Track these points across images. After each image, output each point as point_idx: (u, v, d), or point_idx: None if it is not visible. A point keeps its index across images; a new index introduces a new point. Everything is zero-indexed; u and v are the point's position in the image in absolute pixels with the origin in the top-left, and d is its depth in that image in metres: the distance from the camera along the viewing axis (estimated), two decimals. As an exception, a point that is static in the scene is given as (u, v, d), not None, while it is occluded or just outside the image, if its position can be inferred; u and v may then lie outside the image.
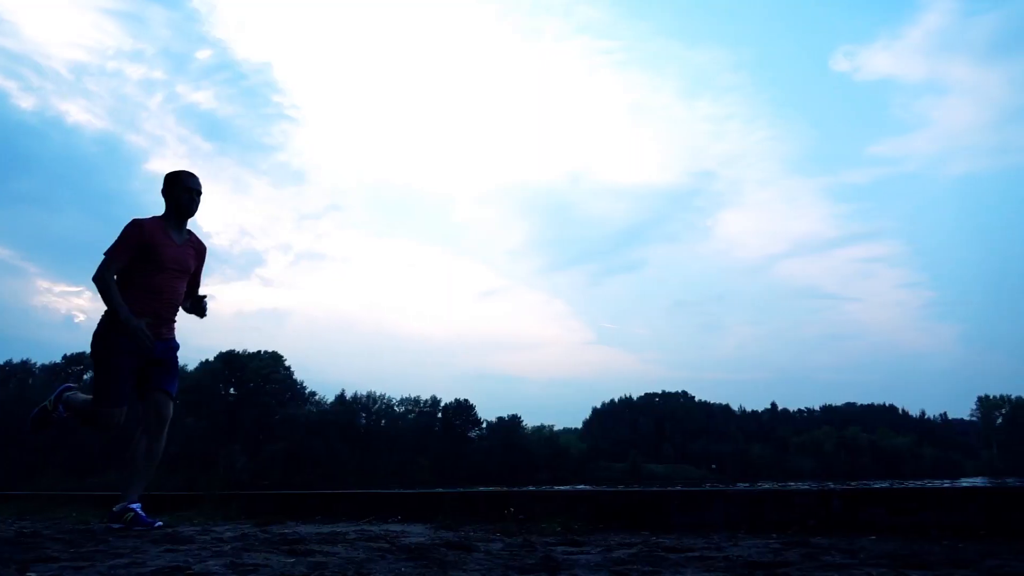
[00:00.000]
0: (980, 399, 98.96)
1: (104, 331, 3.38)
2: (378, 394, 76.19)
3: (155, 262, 3.46)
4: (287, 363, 71.58)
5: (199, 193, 3.63)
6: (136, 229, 3.43)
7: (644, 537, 2.68)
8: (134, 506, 3.37)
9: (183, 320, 3.70)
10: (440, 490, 3.48)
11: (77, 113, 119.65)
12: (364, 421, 73.89)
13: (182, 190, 3.57)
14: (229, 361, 68.51)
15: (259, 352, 70.69)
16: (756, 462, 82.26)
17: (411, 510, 3.56)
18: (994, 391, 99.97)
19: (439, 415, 77.37)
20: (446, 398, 78.50)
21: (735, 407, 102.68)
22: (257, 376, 68.17)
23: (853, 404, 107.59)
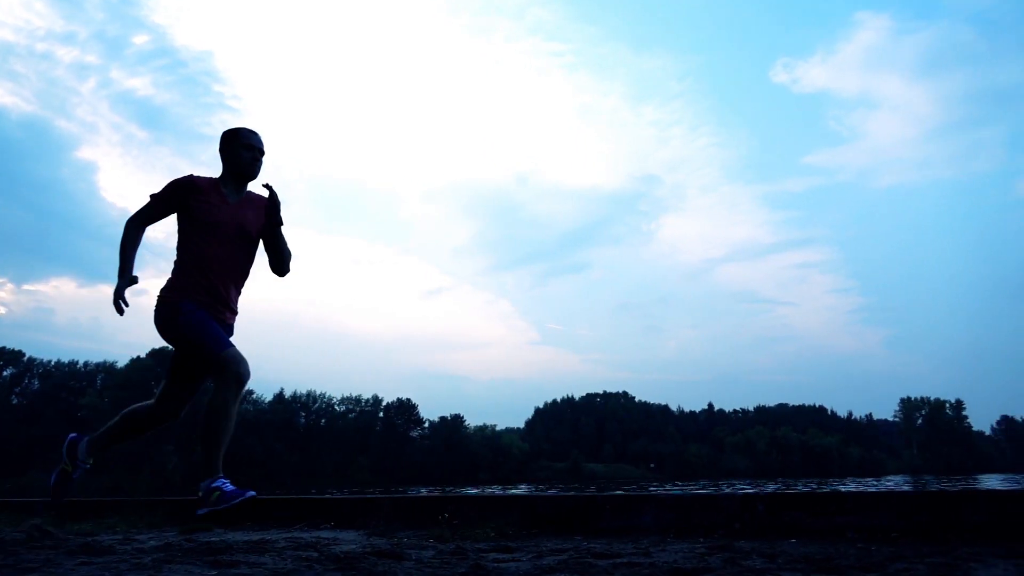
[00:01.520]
0: (902, 400, 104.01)
1: (173, 304, 3.00)
2: (318, 393, 74.91)
3: (204, 225, 3.03)
4: (223, 360, 69.56)
5: (262, 153, 3.19)
6: (186, 181, 3.05)
7: (576, 543, 2.71)
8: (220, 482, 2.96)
9: (108, 314, 3.53)
10: (374, 495, 3.44)
11: (2, 95, 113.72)
12: (303, 420, 72.47)
13: (242, 147, 3.14)
14: (162, 358, 66.08)
15: (194, 349, 68.50)
16: (693, 462, 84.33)
17: (344, 516, 3.51)
18: (915, 393, 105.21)
19: (380, 414, 76.55)
20: (388, 397, 77.85)
21: (674, 408, 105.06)
22: (191, 374, 66.01)
23: (785, 405, 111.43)
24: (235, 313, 3.24)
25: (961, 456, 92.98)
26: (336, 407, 75.81)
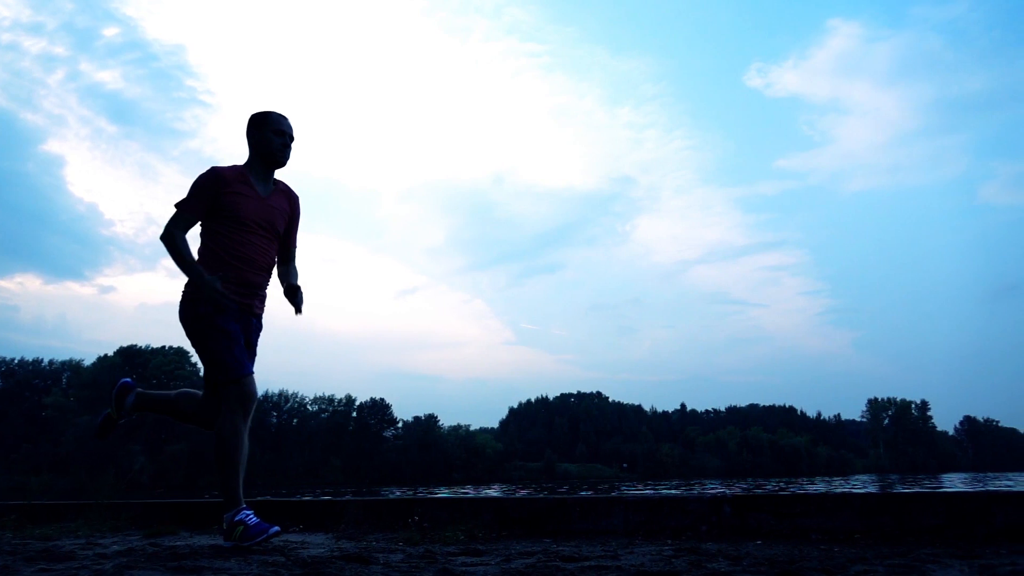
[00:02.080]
0: (870, 401, 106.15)
1: (196, 300, 2.82)
2: (290, 392, 74.14)
3: (236, 219, 2.88)
4: (193, 359, 68.57)
5: (292, 139, 3.03)
6: (211, 177, 2.87)
7: (545, 545, 2.72)
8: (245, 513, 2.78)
9: (75, 312, 3.41)
10: (344, 498, 3.42)
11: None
12: (275, 420, 71.67)
13: (272, 132, 2.97)
14: (130, 356, 65.03)
15: (163, 347, 67.41)
16: (665, 461, 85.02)
17: (313, 519, 3.48)
18: (882, 394, 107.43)
19: (353, 414, 75.99)
20: (361, 397, 77.32)
21: (647, 408, 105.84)
22: (160, 372, 64.93)
23: (756, 405, 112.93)
24: (264, 300, 3.09)
25: (926, 455, 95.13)
26: (308, 407, 75.11)
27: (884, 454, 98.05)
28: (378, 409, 76.74)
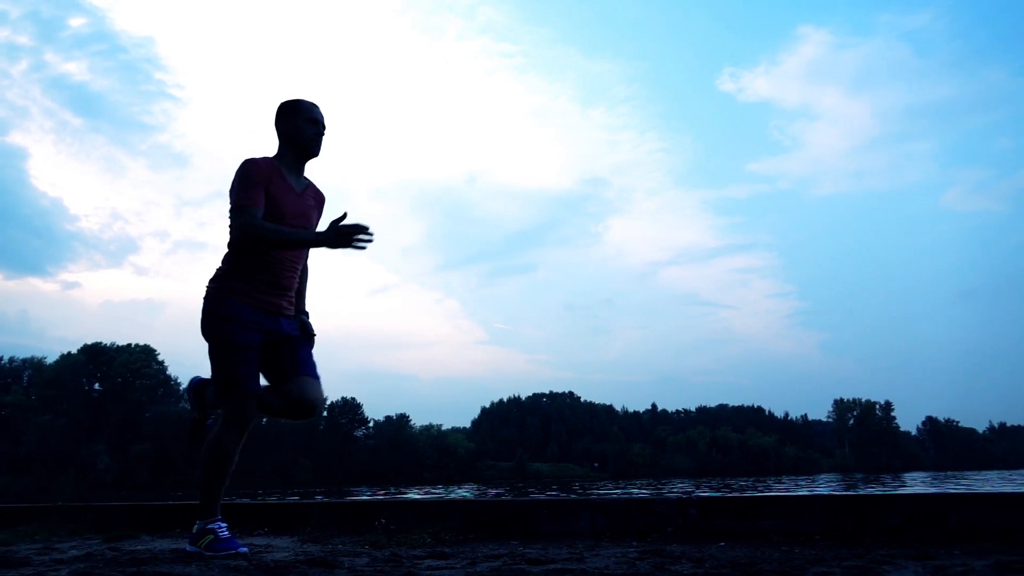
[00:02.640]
0: (836, 402, 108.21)
1: (217, 302, 2.64)
2: (259, 391, 73.14)
3: (276, 215, 2.69)
4: (160, 357, 67.46)
5: (325, 128, 2.86)
6: (258, 166, 2.67)
7: (512, 548, 2.72)
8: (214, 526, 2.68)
9: (37, 308, 3.25)
10: (310, 500, 3.39)
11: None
12: (243, 419, 70.63)
13: (305, 121, 2.79)
14: (94, 354, 63.72)
15: (129, 345, 66.18)
16: (636, 461, 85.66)
17: (279, 522, 3.45)
18: (848, 394, 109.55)
19: (324, 414, 75.26)
20: (332, 396, 76.61)
21: (618, 407, 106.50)
22: (126, 371, 63.75)
23: (725, 406, 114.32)
24: (293, 301, 2.91)
25: (889, 455, 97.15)
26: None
27: (849, 454, 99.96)
28: (349, 409, 76.19)
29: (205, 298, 2.71)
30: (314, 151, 2.83)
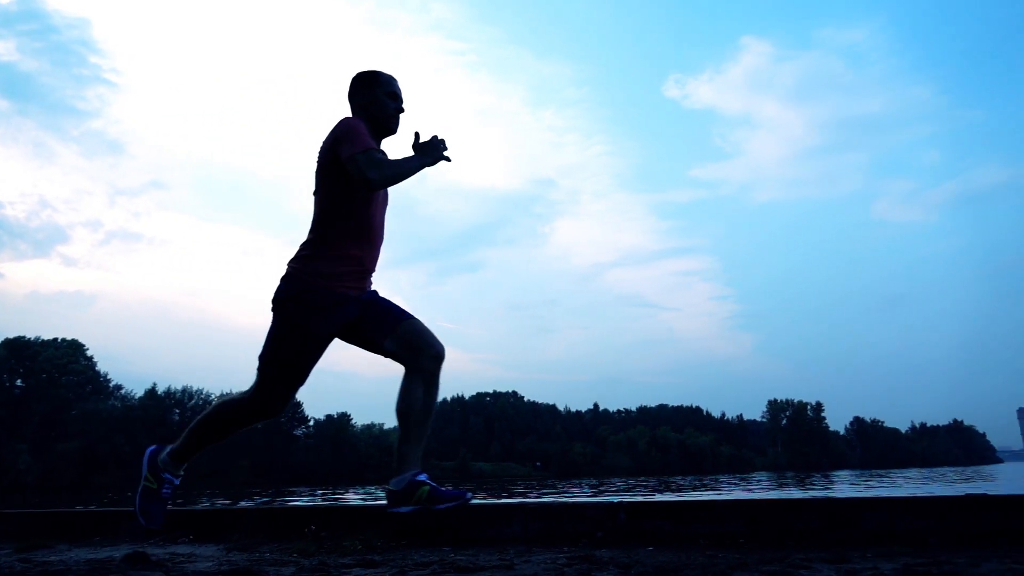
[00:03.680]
0: (770, 402, 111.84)
1: (304, 289, 2.37)
2: (195, 388, 70.95)
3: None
4: (89, 353, 64.68)
5: (403, 105, 2.60)
6: (363, 125, 2.41)
7: (443, 554, 2.71)
8: (422, 476, 2.38)
9: None
10: (237, 506, 3.30)
11: None
12: (177, 418, 68.42)
13: (386, 95, 2.54)
14: (17, 349, 60.57)
15: (55, 339, 63.19)
16: (578, 460, 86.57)
17: (205, 529, 3.34)
18: (781, 395, 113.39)
19: (262, 412, 73.45)
20: (271, 394, 74.71)
21: (561, 407, 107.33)
22: (51, 366, 60.87)
23: (665, 406, 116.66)
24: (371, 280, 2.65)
25: (819, 454, 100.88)
26: (214, 403, 72.04)
27: (781, 452, 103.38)
28: (288, 407, 74.55)
29: (284, 278, 2.44)
30: (393, 127, 2.58)
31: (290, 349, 2.41)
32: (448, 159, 2.50)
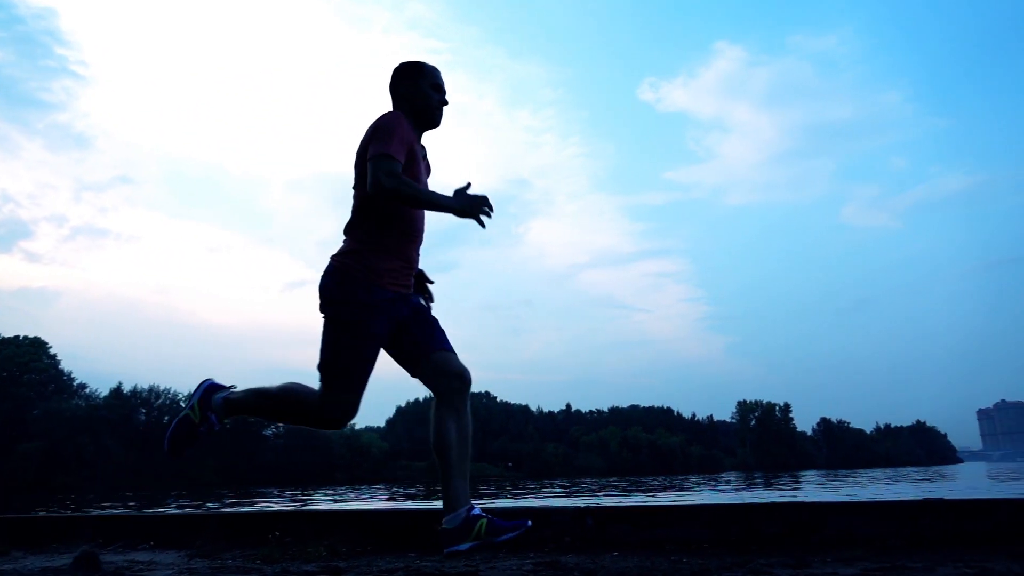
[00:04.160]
0: (739, 403, 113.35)
1: (354, 283, 2.26)
2: (162, 388, 69.70)
3: (413, 178, 2.34)
4: (52, 350, 63.18)
5: (447, 98, 2.54)
6: (403, 123, 2.32)
7: (409, 560, 2.69)
8: (477, 511, 2.24)
9: None
10: (200, 511, 3.25)
11: None
12: (144, 417, 67.15)
13: (430, 86, 2.47)
14: (-26, 348, 58.92)
15: (16, 337, 61.63)
16: (550, 461, 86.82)
17: (167, 535, 3.28)
18: (750, 396, 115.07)
19: (232, 412, 72.41)
20: (240, 394, 73.73)
21: (533, 408, 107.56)
22: (12, 364, 59.33)
23: (637, 406, 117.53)
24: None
25: (787, 454, 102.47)
26: (182, 403, 70.83)
27: (750, 453, 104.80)
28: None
29: (333, 274, 2.32)
30: (437, 120, 2.52)
31: (352, 353, 2.28)
32: (482, 223, 2.33)
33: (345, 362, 2.28)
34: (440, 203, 2.27)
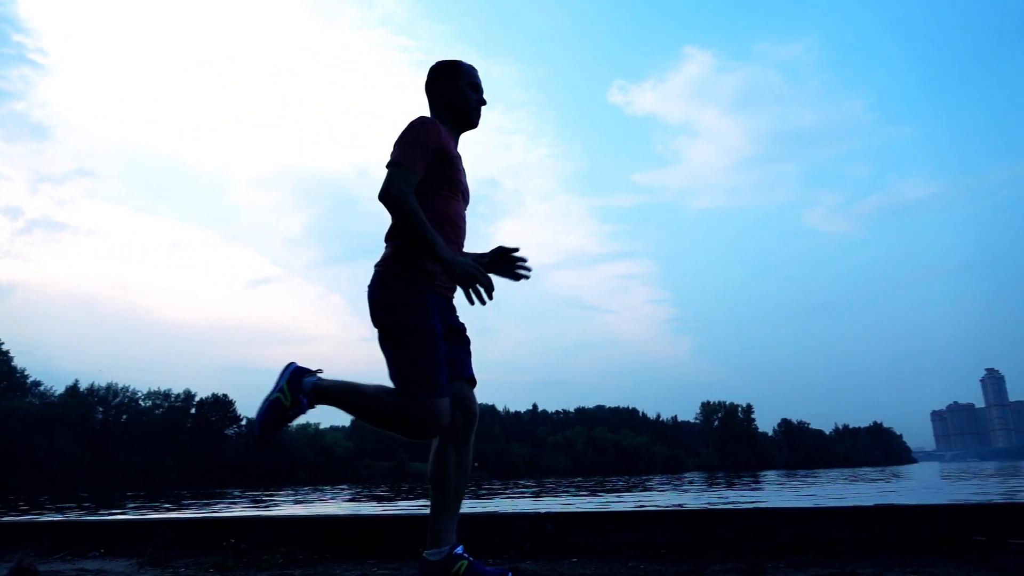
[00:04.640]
0: (703, 404, 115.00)
1: (402, 284, 2.17)
2: (120, 386, 68.11)
3: (452, 182, 2.29)
4: (5, 347, 61.31)
5: (484, 98, 2.48)
6: (433, 128, 2.25)
7: (367, 567, 2.66)
8: (459, 550, 2.16)
9: None
10: (152, 517, 3.17)
11: None
12: (101, 416, 65.55)
13: (467, 86, 2.41)
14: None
15: (-29, 336, 59.68)
16: (516, 461, 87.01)
17: (117, 542, 3.19)
18: (714, 397, 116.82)
19: (192, 411, 71.13)
20: (202, 392, 72.59)
21: (500, 408, 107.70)
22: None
23: (602, 407, 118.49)
24: None
25: (749, 454, 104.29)
26: (141, 402, 69.39)
27: (713, 453, 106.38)
28: (220, 406, 72.36)
29: (383, 281, 2.22)
30: (475, 121, 2.46)
31: (426, 353, 2.13)
32: (471, 299, 2.16)
33: (424, 364, 2.12)
34: (435, 251, 2.12)
